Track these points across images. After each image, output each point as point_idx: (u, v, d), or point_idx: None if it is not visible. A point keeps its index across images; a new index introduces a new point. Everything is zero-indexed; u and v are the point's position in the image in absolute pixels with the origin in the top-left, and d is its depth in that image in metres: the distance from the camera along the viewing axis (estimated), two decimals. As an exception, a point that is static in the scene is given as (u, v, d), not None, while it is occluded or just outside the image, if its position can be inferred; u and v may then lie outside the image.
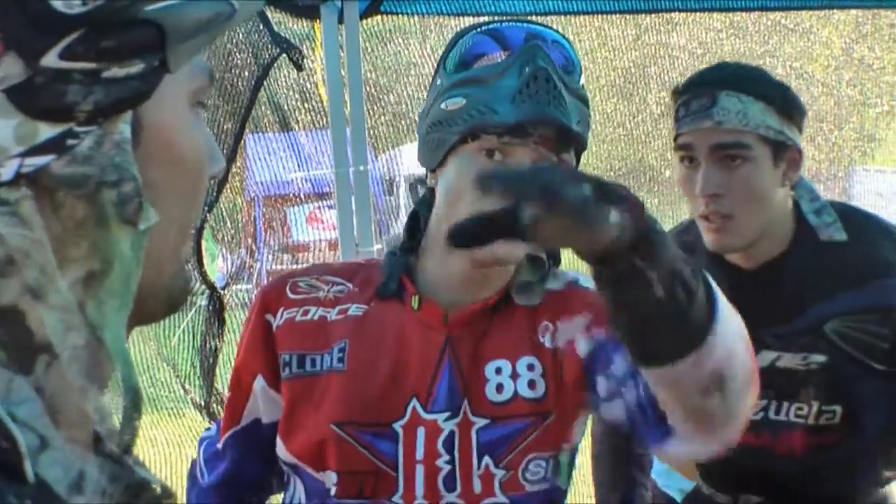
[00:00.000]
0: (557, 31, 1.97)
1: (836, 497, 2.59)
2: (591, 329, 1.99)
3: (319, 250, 5.49)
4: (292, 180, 4.77)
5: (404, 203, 11.45)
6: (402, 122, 5.87)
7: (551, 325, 2.00)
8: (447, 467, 1.92)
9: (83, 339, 0.92)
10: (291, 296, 2.00)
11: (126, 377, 0.96)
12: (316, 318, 1.98)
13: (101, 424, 0.94)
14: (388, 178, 10.61)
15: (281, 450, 2.01)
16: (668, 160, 7.06)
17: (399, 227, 2.11)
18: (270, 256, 6.71)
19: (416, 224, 2.01)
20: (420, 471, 1.91)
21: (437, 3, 3.94)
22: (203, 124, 1.08)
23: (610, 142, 6.96)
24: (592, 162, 7.01)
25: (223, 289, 4.19)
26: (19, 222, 0.90)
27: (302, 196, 5.58)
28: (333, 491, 1.93)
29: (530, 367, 1.96)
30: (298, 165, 5.22)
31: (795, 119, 2.43)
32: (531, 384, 1.95)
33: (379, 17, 4.05)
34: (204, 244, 4.10)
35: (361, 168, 3.85)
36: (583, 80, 1.95)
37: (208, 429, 2.23)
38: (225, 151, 3.90)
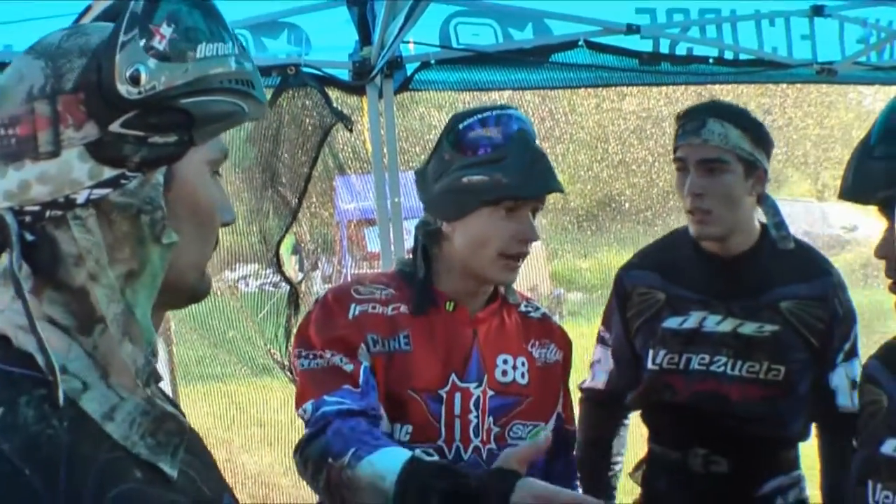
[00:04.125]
0: (517, 110, 2.25)
1: (768, 441, 2.77)
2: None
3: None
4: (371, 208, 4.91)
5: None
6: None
7: (537, 342, 2.40)
8: (475, 420, 2.23)
9: (120, 308, 1.10)
10: (357, 296, 2.24)
11: (148, 337, 1.13)
12: (380, 311, 2.22)
13: (133, 365, 1.10)
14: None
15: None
16: (626, 195, 7.63)
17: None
18: (353, 263, 7.19)
19: (427, 254, 2.29)
20: (457, 423, 2.21)
21: (448, 82, 4.35)
22: (219, 185, 1.24)
23: (583, 182, 7.41)
24: (570, 197, 7.54)
25: (299, 283, 4.53)
26: (87, 231, 1.08)
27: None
28: (409, 437, 2.20)
29: (522, 364, 2.34)
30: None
31: (764, 148, 2.67)
32: (522, 375, 2.32)
33: (409, 92, 4.42)
34: (283, 251, 4.44)
35: (396, 200, 4.31)
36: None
37: (305, 409, 2.18)
38: (299, 187, 4.24)
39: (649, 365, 2.78)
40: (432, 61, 4.24)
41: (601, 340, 3.02)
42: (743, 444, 2.74)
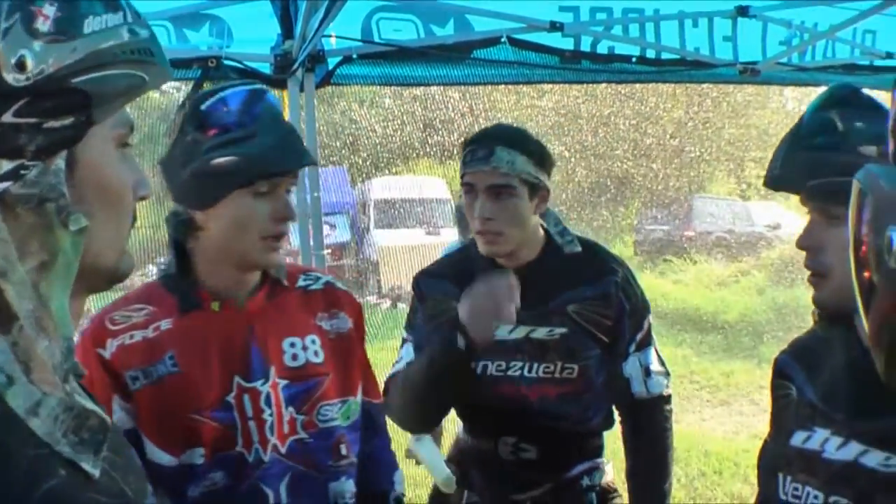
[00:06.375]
0: (261, 85, 2.13)
1: (573, 433, 2.93)
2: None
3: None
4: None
5: (373, 220, 11.50)
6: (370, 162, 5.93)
7: (326, 314, 2.33)
8: (270, 419, 2.16)
9: (32, 304, 1.07)
10: (112, 328, 2.12)
11: (64, 331, 1.10)
12: (140, 339, 2.12)
13: (51, 361, 1.08)
14: (361, 202, 10.96)
15: (156, 453, 2.10)
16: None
17: (371, 237, 2.28)
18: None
19: (183, 250, 2.18)
20: (252, 425, 2.14)
21: (370, 77, 4.35)
22: (131, 159, 1.20)
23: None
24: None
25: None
26: None
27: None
28: (204, 459, 2.11)
29: (313, 342, 2.27)
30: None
31: (547, 169, 2.80)
32: (315, 354, 2.25)
33: (331, 87, 4.40)
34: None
35: (316, 195, 4.31)
36: None
37: None
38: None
39: None
40: (354, 56, 4.25)
41: (403, 343, 3.02)
42: (548, 435, 2.89)
